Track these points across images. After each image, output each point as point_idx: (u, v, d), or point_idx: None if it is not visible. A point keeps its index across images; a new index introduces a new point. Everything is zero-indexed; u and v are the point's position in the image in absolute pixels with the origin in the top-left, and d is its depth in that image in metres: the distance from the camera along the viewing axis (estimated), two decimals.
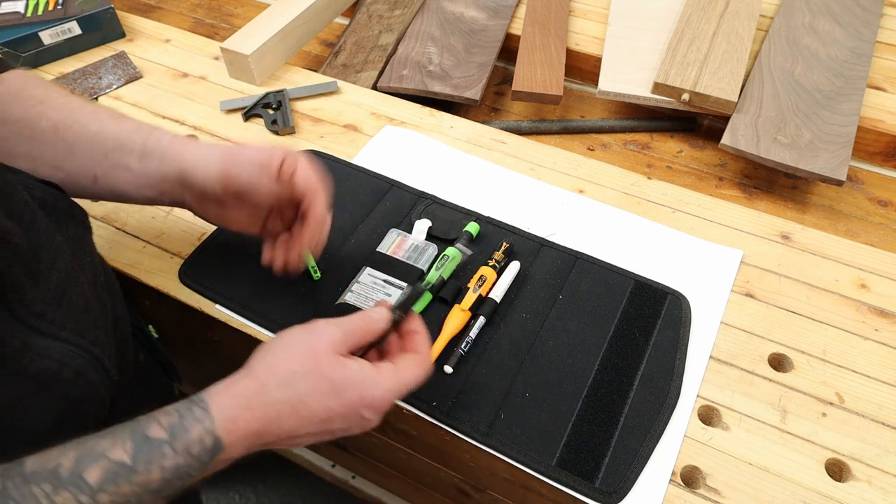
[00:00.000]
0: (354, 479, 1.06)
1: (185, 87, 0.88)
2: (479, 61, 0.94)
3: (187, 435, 0.36)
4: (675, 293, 0.62)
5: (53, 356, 0.41)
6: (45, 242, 0.43)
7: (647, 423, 0.53)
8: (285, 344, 0.42)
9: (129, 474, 0.34)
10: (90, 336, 0.45)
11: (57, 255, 0.44)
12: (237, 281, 0.63)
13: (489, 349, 0.58)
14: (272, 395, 0.39)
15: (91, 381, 0.44)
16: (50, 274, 0.42)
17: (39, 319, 0.40)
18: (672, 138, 0.92)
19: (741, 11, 0.94)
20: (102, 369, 0.45)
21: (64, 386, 0.42)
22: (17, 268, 0.39)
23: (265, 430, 0.39)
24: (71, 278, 0.45)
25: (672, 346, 0.58)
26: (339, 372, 0.41)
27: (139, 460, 0.35)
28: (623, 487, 0.50)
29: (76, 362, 0.43)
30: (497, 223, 0.68)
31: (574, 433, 0.53)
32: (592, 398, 0.55)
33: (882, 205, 0.83)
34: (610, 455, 0.51)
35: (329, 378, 0.41)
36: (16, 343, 0.38)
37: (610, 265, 0.64)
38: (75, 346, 0.43)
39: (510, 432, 0.53)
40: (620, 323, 0.60)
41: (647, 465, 0.51)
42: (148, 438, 0.35)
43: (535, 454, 0.52)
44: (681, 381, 0.56)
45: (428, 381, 0.49)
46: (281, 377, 0.40)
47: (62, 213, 0.49)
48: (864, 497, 0.50)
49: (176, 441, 0.36)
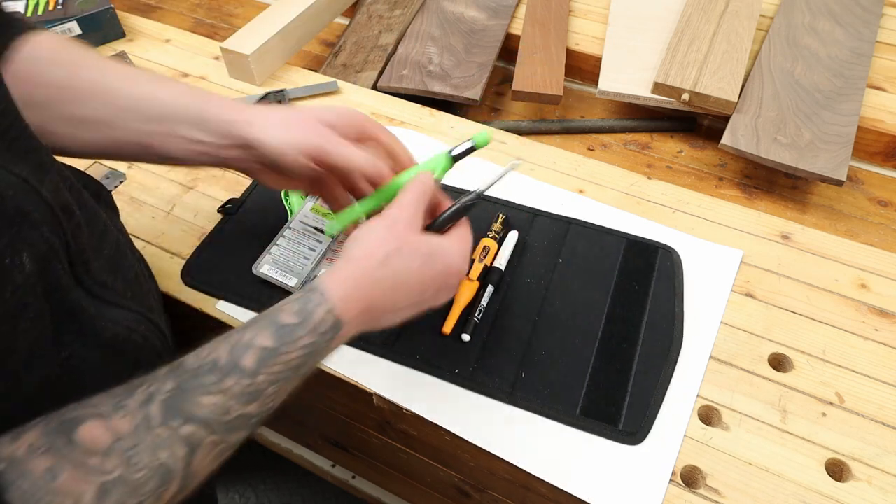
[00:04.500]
0: (354, 479, 1.06)
1: None
2: (479, 61, 0.94)
3: (312, 317, 0.41)
4: (665, 247, 0.66)
5: (123, 322, 0.44)
6: (93, 215, 0.44)
7: (658, 365, 0.57)
8: (371, 230, 0.45)
9: (276, 356, 0.39)
10: (146, 304, 0.47)
11: (105, 228, 0.46)
12: (241, 277, 0.64)
13: (501, 315, 0.61)
14: (374, 275, 0.44)
15: (154, 347, 0.47)
16: (103, 246, 0.44)
17: (103, 289, 0.43)
18: (672, 138, 0.92)
19: (741, 11, 0.94)
20: (162, 334, 0.48)
21: (135, 350, 0.45)
22: (81, 239, 0.40)
23: (373, 307, 0.44)
24: (120, 251, 0.47)
25: (670, 294, 0.62)
26: (424, 246, 0.46)
27: (281, 343, 0.40)
28: (645, 427, 0.54)
29: (141, 328, 0.45)
30: (490, 198, 0.71)
31: (592, 383, 0.56)
32: (604, 349, 0.58)
33: (882, 205, 0.83)
34: (629, 399, 0.55)
35: (418, 251, 0.45)
36: (91, 310, 0.41)
37: (602, 227, 0.68)
38: (137, 314, 0.45)
39: (533, 389, 0.56)
40: (619, 279, 0.64)
41: (663, 404, 0.55)
42: (283, 325, 0.40)
43: (559, 406, 0.55)
44: (682, 326, 0.60)
45: (447, 351, 0.58)
46: (378, 258, 0.44)
47: (93, 192, 0.51)
48: (864, 497, 0.50)
49: (305, 323, 0.41)
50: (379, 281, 0.44)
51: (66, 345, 0.39)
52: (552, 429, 0.54)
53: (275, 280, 0.62)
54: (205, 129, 0.51)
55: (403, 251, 0.45)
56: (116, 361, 0.43)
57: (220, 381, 0.37)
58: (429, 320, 0.60)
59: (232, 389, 0.37)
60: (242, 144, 0.51)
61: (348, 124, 0.52)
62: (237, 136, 0.50)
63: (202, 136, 0.51)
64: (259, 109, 0.52)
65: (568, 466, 0.52)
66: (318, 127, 0.50)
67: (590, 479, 0.51)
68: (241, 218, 0.69)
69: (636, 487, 0.51)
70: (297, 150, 0.49)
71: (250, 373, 0.38)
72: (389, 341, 0.59)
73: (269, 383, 0.39)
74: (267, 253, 0.64)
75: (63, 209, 0.38)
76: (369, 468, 0.96)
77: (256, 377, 0.38)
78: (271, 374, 0.39)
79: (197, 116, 0.51)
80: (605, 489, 0.51)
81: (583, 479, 0.51)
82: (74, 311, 0.39)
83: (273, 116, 0.51)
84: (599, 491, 0.51)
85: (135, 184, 0.75)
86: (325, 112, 0.52)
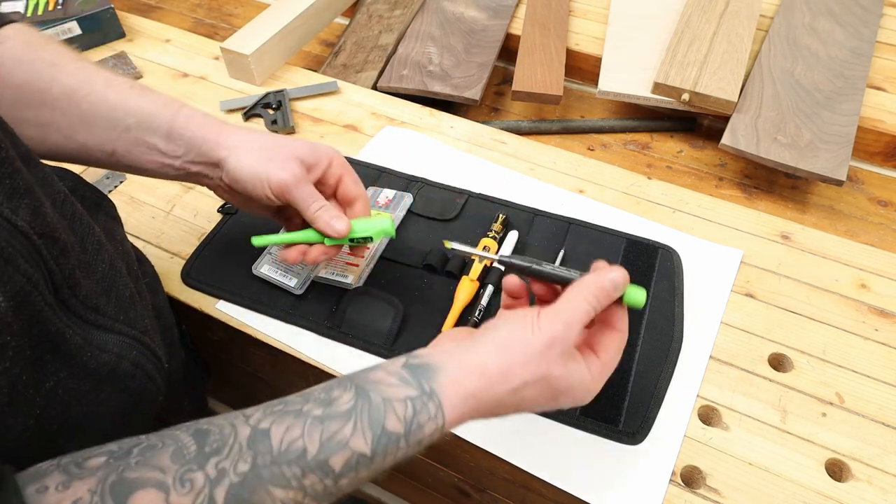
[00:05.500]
0: None
1: (185, 87, 0.88)
2: (479, 61, 0.94)
3: (421, 431, 0.37)
4: (665, 247, 0.66)
5: (111, 349, 0.42)
6: (87, 233, 0.43)
7: (658, 365, 0.57)
8: (525, 340, 0.39)
9: (368, 463, 0.36)
10: (140, 326, 0.45)
11: (100, 246, 0.44)
12: (241, 277, 0.64)
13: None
14: (501, 399, 0.39)
15: (147, 371, 0.45)
16: (96, 265, 0.43)
17: (94, 313, 0.41)
18: (672, 138, 0.92)
19: (741, 11, 0.94)
20: (155, 358, 0.46)
21: (124, 378, 0.43)
22: (68, 262, 0.39)
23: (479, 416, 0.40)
24: (115, 268, 0.45)
25: (670, 295, 0.62)
26: (565, 381, 0.40)
27: (377, 452, 0.36)
28: (645, 427, 0.54)
29: (132, 353, 0.43)
30: (490, 198, 0.71)
31: None
32: None
33: (882, 205, 0.83)
34: (629, 399, 0.55)
35: (556, 388, 0.40)
36: (76, 339, 0.39)
37: (602, 227, 0.68)
38: (129, 338, 0.43)
39: None
40: None
41: (663, 404, 0.55)
42: (386, 431, 0.36)
43: None
44: (682, 326, 0.60)
45: None
46: (513, 384, 0.39)
47: (91, 203, 0.50)
48: (864, 497, 0.50)
49: (411, 436, 0.37)
50: (502, 404, 0.39)
51: (51, 375, 0.37)
52: (552, 429, 0.54)
53: (275, 280, 0.62)
54: (172, 142, 0.50)
55: (541, 385, 0.39)
56: (105, 391, 0.41)
57: (301, 476, 0.34)
58: (429, 320, 0.60)
59: (312, 487, 0.34)
60: (211, 164, 0.51)
61: (316, 163, 0.52)
62: (207, 156, 0.50)
63: (168, 149, 0.50)
64: (234, 132, 0.51)
65: (568, 466, 0.52)
66: (289, 163, 0.50)
67: (590, 479, 0.51)
68: (241, 218, 0.69)
69: (636, 487, 0.51)
70: (265, 184, 0.50)
71: (335, 475, 0.35)
72: (389, 341, 0.59)
73: (350, 486, 0.36)
74: (267, 253, 0.64)
75: (44, 235, 0.36)
76: None
77: (340, 480, 0.35)
78: (356, 480, 0.36)
79: (166, 128, 0.50)
80: (605, 489, 0.51)
81: (583, 479, 0.51)
82: (58, 342, 0.37)
83: (248, 144, 0.51)
84: (599, 491, 0.51)
85: (135, 184, 0.75)
86: (300, 147, 0.52)
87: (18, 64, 0.48)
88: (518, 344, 0.39)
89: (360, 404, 0.36)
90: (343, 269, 0.63)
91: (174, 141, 0.50)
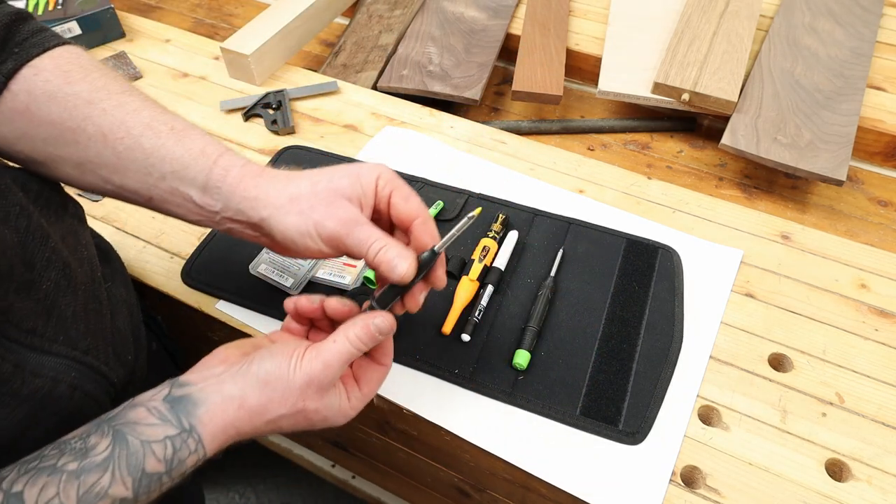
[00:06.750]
0: (354, 479, 1.06)
1: (185, 87, 0.88)
2: (479, 61, 0.94)
3: (183, 465, 0.38)
4: (665, 247, 0.66)
5: (47, 373, 0.41)
6: (38, 248, 0.42)
7: (658, 366, 0.57)
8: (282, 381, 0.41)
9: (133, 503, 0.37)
10: (83, 345, 0.44)
11: (49, 262, 0.43)
12: (241, 277, 0.64)
13: (500, 315, 0.61)
14: (258, 427, 0.42)
15: (87, 392, 0.44)
16: (41, 283, 0.41)
17: (30, 335, 0.40)
18: (672, 138, 0.92)
19: (741, 11, 0.94)
20: (99, 376, 0.45)
21: (58, 402, 0.42)
22: (5, 286, 0.38)
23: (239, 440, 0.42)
24: (60, 286, 0.43)
25: (670, 295, 0.62)
26: (320, 414, 0.43)
27: (140, 493, 0.37)
28: (644, 427, 0.54)
29: (70, 376, 0.42)
30: (490, 198, 0.71)
31: (592, 383, 0.56)
32: (604, 350, 0.58)
33: (882, 205, 0.83)
34: (628, 399, 0.55)
35: (310, 419, 0.43)
36: (6, 367, 0.38)
37: (602, 227, 0.68)
38: (68, 359, 0.42)
39: (532, 389, 0.56)
40: (619, 279, 0.64)
41: (663, 404, 0.55)
42: (147, 473, 0.37)
43: (559, 407, 0.55)
44: (682, 326, 0.60)
45: (447, 351, 0.58)
46: (269, 416, 0.41)
47: (56, 206, 0.48)
48: (864, 497, 0.50)
49: (173, 471, 0.38)
50: (260, 431, 0.42)
51: None
52: (552, 429, 0.54)
53: (271, 280, 0.62)
54: (209, 196, 0.46)
55: (297, 416, 0.42)
56: (39, 418, 0.40)
57: None
58: (429, 320, 0.60)
59: None
60: (252, 224, 0.46)
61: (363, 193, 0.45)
62: (246, 215, 0.45)
63: (204, 202, 0.46)
64: (272, 183, 0.45)
65: (568, 466, 0.52)
66: (334, 207, 0.44)
67: (590, 479, 0.51)
68: None
69: (636, 487, 0.51)
70: (317, 241, 0.44)
71: None
72: None
73: None
74: (264, 253, 0.64)
75: None
76: (369, 468, 0.96)
77: None
78: None
79: (202, 180, 0.45)
80: (605, 489, 0.51)
81: (583, 479, 0.51)
82: None
83: (288, 197, 0.44)
84: (599, 491, 0.51)
85: None
86: (341, 182, 0.44)
87: (52, 100, 0.44)
88: (278, 381, 0.41)
89: (117, 451, 0.36)
90: (341, 270, 0.63)
91: (210, 195, 0.45)
